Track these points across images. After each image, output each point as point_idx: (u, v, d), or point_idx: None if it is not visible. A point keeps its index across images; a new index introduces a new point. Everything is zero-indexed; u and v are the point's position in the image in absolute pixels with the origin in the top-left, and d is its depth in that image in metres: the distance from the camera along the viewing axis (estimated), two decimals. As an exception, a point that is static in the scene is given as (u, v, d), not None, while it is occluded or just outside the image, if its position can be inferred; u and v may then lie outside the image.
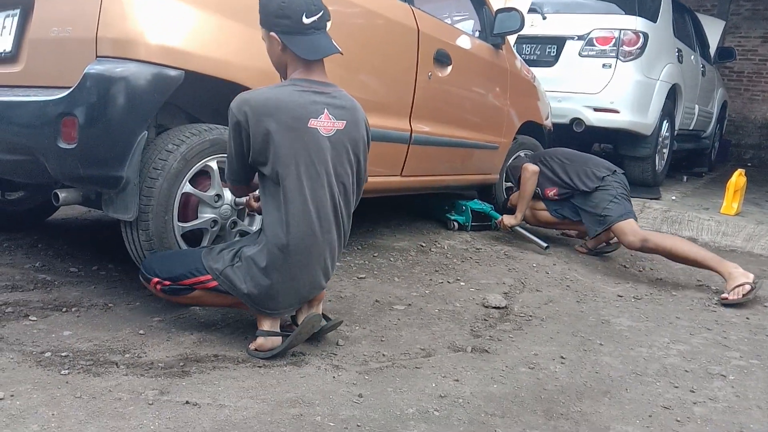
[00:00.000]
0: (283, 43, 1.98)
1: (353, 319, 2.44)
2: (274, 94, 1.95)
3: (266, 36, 2.03)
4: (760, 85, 10.49)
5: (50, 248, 2.96)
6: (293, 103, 1.94)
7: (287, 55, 2.01)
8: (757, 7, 10.34)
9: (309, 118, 1.95)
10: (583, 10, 5.80)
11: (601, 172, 3.68)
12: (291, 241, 1.95)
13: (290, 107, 1.93)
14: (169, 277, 2.06)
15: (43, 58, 2.24)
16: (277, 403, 1.74)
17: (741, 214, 5.11)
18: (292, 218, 1.94)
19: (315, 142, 1.96)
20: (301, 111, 1.94)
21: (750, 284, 3.04)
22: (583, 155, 3.91)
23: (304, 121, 1.94)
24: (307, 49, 1.99)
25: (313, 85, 2.00)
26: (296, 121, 1.93)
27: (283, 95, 1.95)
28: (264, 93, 1.96)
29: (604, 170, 3.70)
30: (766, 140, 10.50)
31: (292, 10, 1.95)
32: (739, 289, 3.03)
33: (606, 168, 3.73)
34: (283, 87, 1.99)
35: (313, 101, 1.97)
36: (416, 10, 3.29)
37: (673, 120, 6.32)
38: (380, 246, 3.54)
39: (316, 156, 1.96)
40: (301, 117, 1.94)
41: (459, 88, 3.72)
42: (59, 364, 1.84)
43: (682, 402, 1.98)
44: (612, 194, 3.58)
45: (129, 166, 2.10)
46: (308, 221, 1.96)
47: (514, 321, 2.60)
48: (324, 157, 1.98)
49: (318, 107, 1.98)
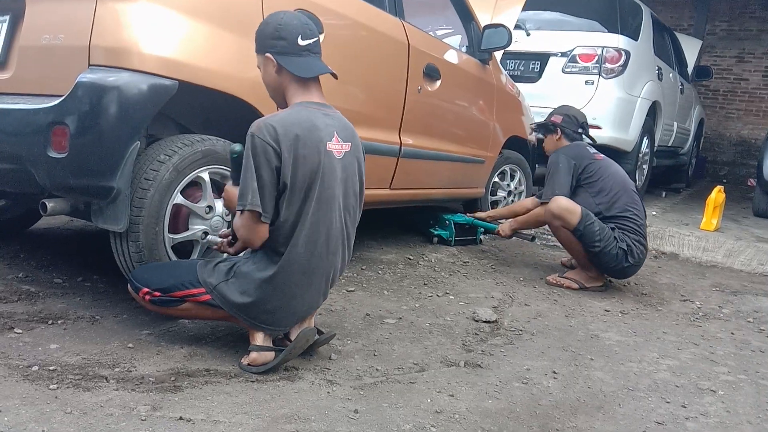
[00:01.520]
0: (279, 64, 1.98)
1: (345, 332, 2.42)
2: (296, 118, 1.92)
3: (262, 60, 2.03)
4: (734, 104, 10.73)
5: (33, 258, 2.90)
6: (314, 126, 1.93)
7: (283, 78, 2.01)
8: (732, 28, 10.60)
9: (327, 141, 1.95)
10: (567, 28, 5.88)
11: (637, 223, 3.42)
12: (297, 261, 1.93)
13: (312, 130, 1.92)
14: (159, 288, 2.02)
15: (34, 66, 2.21)
16: (273, 419, 1.71)
17: (720, 230, 5.20)
18: (302, 240, 1.93)
19: (330, 165, 1.95)
20: (321, 134, 1.94)
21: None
22: (639, 216, 3.49)
23: (324, 143, 1.94)
24: (301, 67, 1.99)
25: (319, 107, 2.00)
26: (320, 143, 1.92)
27: (303, 118, 1.93)
28: (288, 116, 1.93)
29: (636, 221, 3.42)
30: (740, 157, 10.72)
31: (288, 32, 1.97)
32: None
33: (638, 261, 3.42)
34: (299, 110, 1.96)
35: (326, 124, 1.97)
36: (407, 25, 3.31)
37: (653, 136, 6.42)
38: (368, 259, 3.53)
39: (331, 179, 1.95)
40: (322, 140, 1.93)
41: (447, 102, 3.74)
42: (47, 379, 1.79)
43: (675, 417, 1.99)
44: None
45: (120, 177, 2.07)
46: (317, 243, 1.95)
47: (504, 335, 2.60)
48: (336, 180, 1.97)
49: (330, 130, 1.97)
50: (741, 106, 10.67)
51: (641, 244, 3.40)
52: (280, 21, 1.98)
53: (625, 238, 3.33)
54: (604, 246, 3.28)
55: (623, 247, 3.30)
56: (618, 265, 3.35)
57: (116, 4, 2.08)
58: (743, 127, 10.69)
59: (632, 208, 3.43)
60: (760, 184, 6.31)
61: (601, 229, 3.29)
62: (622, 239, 3.32)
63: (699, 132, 9.15)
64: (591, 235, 3.27)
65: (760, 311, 3.33)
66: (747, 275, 4.28)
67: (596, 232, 3.27)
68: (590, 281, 3.45)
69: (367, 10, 3.06)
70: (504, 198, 4.68)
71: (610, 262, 3.33)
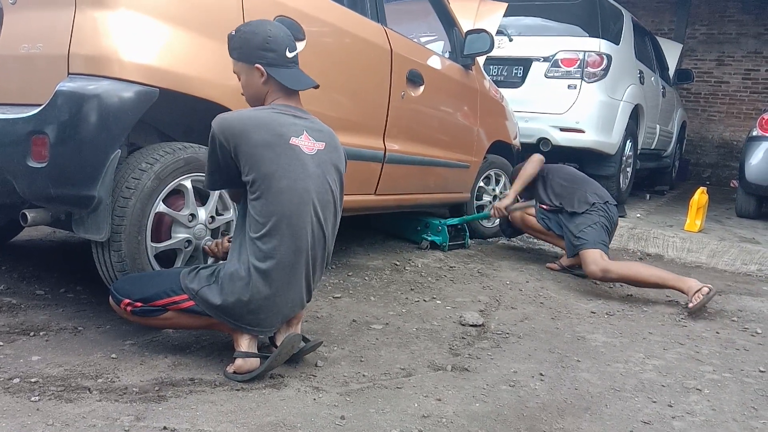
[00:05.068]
0: (268, 75, 2.03)
1: (331, 339, 2.41)
2: (254, 113, 1.99)
3: (246, 69, 2.06)
4: (716, 106, 10.84)
5: (14, 270, 2.86)
6: (274, 121, 1.97)
7: (269, 86, 2.06)
8: (711, 31, 10.72)
9: (290, 136, 1.98)
10: (548, 33, 5.91)
11: (593, 199, 3.69)
12: (276, 257, 1.93)
13: (271, 125, 1.96)
14: (141, 298, 2.01)
15: (12, 75, 2.19)
16: (258, 427, 1.70)
17: (704, 230, 5.24)
18: (279, 234, 1.93)
19: (298, 159, 1.97)
20: (282, 129, 1.97)
21: (707, 287, 3.15)
22: (585, 179, 3.94)
23: (285, 138, 1.96)
24: (291, 80, 2.06)
25: (292, 110, 2.05)
26: (277, 137, 1.95)
27: (263, 114, 1.99)
28: (244, 112, 2.00)
29: (596, 197, 3.71)
30: (723, 159, 10.82)
31: (278, 44, 2.03)
32: (698, 294, 3.13)
33: (599, 196, 3.73)
34: (262, 109, 2.04)
35: (293, 123, 2.02)
36: (389, 31, 3.31)
37: (636, 139, 6.47)
38: (354, 265, 3.52)
39: (300, 173, 1.96)
40: (282, 134, 1.96)
41: (431, 107, 3.75)
42: (29, 391, 1.76)
43: (661, 417, 2.00)
44: (594, 220, 3.60)
45: (101, 186, 2.05)
46: (293, 237, 1.95)
47: (491, 339, 2.60)
48: (308, 175, 1.98)
49: (298, 128, 2.02)
50: (722, 109, 10.79)
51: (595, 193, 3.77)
52: (269, 33, 2.03)
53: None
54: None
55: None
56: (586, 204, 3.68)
57: (95, 12, 2.07)
58: (725, 129, 10.80)
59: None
60: (742, 185, 6.37)
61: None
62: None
63: (682, 135, 9.24)
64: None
65: (744, 310, 3.36)
66: (731, 275, 4.32)
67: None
68: (703, 296, 3.22)
69: (349, 17, 3.07)
70: (489, 203, 4.68)
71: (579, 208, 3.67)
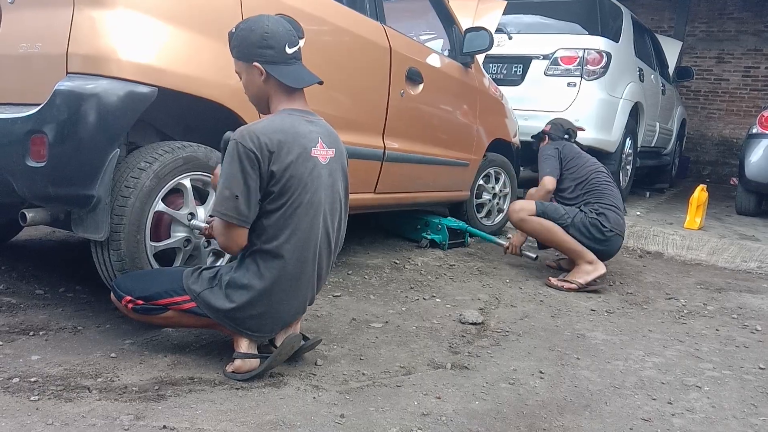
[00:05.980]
0: (267, 73, 1.94)
1: (331, 338, 2.41)
2: (278, 125, 1.89)
3: (246, 67, 1.98)
4: (716, 104, 10.84)
5: (14, 270, 2.86)
6: (298, 133, 1.91)
7: (269, 86, 1.98)
8: (711, 29, 10.72)
9: (310, 147, 1.93)
10: (548, 30, 5.92)
11: (608, 229, 3.55)
12: (283, 268, 1.92)
13: (296, 138, 1.90)
14: (142, 296, 2.00)
15: (11, 75, 2.18)
16: (258, 425, 1.70)
17: (704, 228, 5.25)
18: (288, 246, 1.91)
19: (317, 171, 1.94)
20: (303, 140, 1.92)
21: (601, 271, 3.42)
22: (612, 192, 3.70)
23: (308, 150, 1.92)
24: (292, 77, 1.97)
25: (303, 114, 1.99)
26: (302, 150, 1.91)
27: (287, 125, 1.91)
28: (272, 123, 1.90)
29: (610, 229, 3.56)
30: (723, 157, 10.83)
31: (276, 40, 1.93)
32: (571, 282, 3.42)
33: (615, 226, 3.59)
34: (282, 117, 1.94)
35: (310, 130, 1.96)
36: (388, 29, 3.31)
37: (636, 137, 6.47)
38: (354, 263, 3.52)
39: (316, 185, 1.94)
40: (305, 147, 1.92)
41: (431, 105, 3.75)
42: (28, 390, 1.76)
43: (661, 414, 2.00)
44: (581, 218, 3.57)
45: (100, 185, 2.05)
46: (302, 250, 1.93)
47: (491, 337, 2.60)
48: (322, 186, 1.96)
49: (314, 136, 1.96)
50: (722, 106, 10.79)
51: (616, 213, 3.61)
52: (267, 28, 1.93)
53: (597, 207, 3.59)
54: (574, 215, 3.55)
55: (594, 215, 3.55)
56: (598, 233, 3.53)
57: (94, 11, 2.07)
58: (725, 126, 10.80)
59: (606, 183, 3.73)
60: (742, 183, 6.37)
61: (560, 207, 3.65)
62: (592, 208, 3.58)
63: (681, 132, 9.24)
64: (553, 211, 3.58)
65: (744, 308, 3.36)
66: (731, 272, 4.32)
67: (557, 208, 3.61)
68: (588, 274, 3.44)
69: (349, 15, 3.07)
70: (489, 201, 4.68)
71: (589, 230, 3.53)
